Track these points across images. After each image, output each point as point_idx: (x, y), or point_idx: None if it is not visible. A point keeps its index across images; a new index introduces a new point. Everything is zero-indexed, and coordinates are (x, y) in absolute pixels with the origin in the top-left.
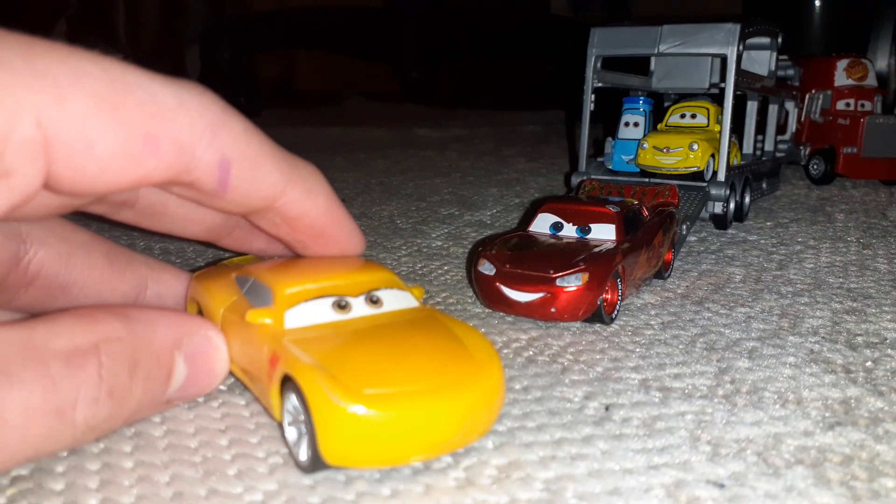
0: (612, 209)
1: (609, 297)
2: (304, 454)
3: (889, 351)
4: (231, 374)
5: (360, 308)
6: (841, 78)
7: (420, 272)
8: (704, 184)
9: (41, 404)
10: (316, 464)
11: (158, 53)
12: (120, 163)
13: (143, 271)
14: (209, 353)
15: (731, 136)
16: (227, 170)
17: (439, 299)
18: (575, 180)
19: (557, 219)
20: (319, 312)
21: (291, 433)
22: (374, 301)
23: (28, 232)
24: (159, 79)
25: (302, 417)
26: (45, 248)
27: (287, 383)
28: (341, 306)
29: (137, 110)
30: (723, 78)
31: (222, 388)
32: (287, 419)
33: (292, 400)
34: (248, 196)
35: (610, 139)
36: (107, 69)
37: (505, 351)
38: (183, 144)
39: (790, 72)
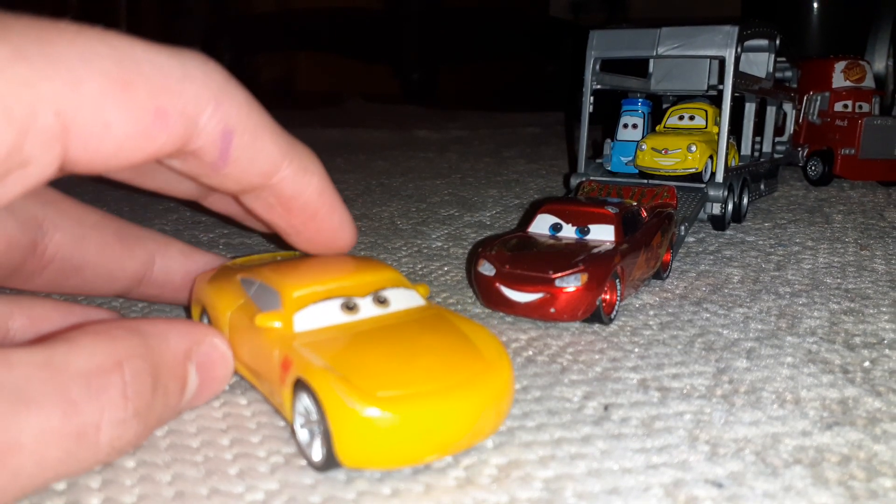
0: (611, 210)
1: (608, 297)
2: (317, 454)
3: (887, 351)
4: (235, 372)
5: (367, 309)
6: (839, 79)
7: (420, 273)
8: (703, 185)
9: (60, 428)
10: (330, 464)
11: None
12: (133, 140)
13: (151, 247)
14: (216, 361)
15: (729, 138)
16: (229, 140)
17: (440, 299)
18: (574, 181)
19: (557, 220)
20: (328, 314)
21: (303, 434)
22: (382, 301)
23: (44, 217)
24: (164, 50)
25: (314, 418)
26: (61, 233)
27: (299, 386)
28: (349, 307)
29: (147, 86)
30: (721, 80)
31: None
32: (299, 421)
33: (304, 402)
34: (247, 170)
35: (609, 141)
36: (114, 46)
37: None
38: (190, 115)
39: (788, 73)
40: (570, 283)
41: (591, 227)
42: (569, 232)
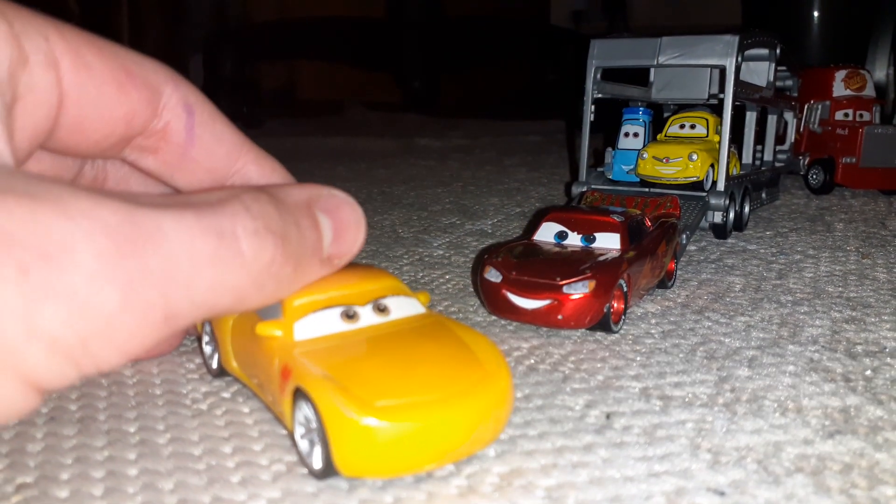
0: (617, 219)
1: (617, 306)
2: (317, 463)
3: (888, 360)
4: (238, 380)
5: (367, 317)
6: (839, 88)
7: (422, 281)
8: (704, 193)
9: (195, 223)
10: (329, 472)
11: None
12: (112, 88)
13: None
14: (342, 208)
15: (730, 147)
16: (191, 116)
17: (441, 308)
18: (575, 190)
19: (562, 228)
20: (328, 323)
21: (303, 443)
22: (382, 309)
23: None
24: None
25: (314, 426)
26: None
27: (299, 395)
28: (349, 316)
29: (116, 55)
30: (722, 89)
31: (226, 395)
32: (299, 430)
33: (304, 410)
34: (213, 152)
35: (610, 149)
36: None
37: (506, 360)
38: (152, 84)
39: (789, 82)
40: (578, 290)
41: (596, 235)
42: (574, 240)
